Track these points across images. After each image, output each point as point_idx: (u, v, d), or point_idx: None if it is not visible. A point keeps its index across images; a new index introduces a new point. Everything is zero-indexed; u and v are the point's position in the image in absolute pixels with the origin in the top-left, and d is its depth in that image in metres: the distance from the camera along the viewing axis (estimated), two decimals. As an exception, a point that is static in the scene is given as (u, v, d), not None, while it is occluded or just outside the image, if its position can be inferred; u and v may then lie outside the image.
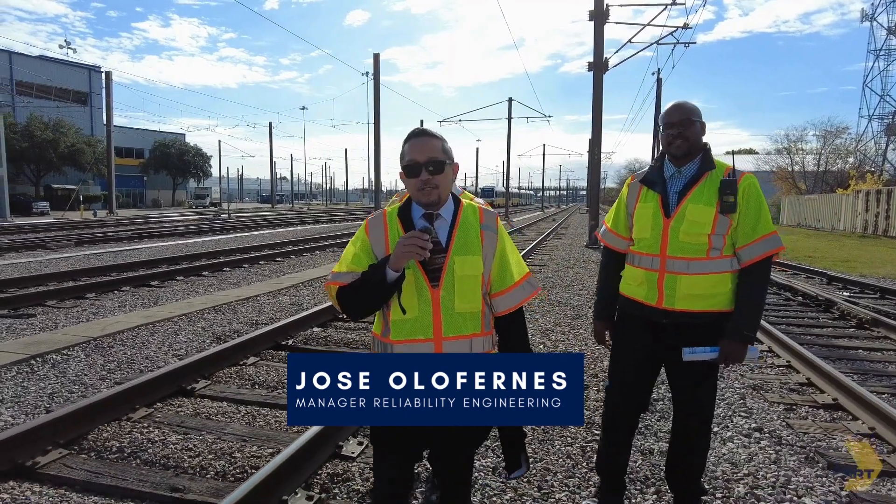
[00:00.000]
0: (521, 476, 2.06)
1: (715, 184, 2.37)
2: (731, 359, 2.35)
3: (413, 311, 1.77)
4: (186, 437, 3.54)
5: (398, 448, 1.84)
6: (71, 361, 5.11)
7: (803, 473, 3.26)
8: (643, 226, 2.49)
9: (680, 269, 2.39)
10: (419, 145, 1.80)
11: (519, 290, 1.90)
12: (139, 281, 9.66)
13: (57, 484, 3.01)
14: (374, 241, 1.85)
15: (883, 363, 5.69)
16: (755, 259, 2.35)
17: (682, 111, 2.42)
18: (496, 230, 1.89)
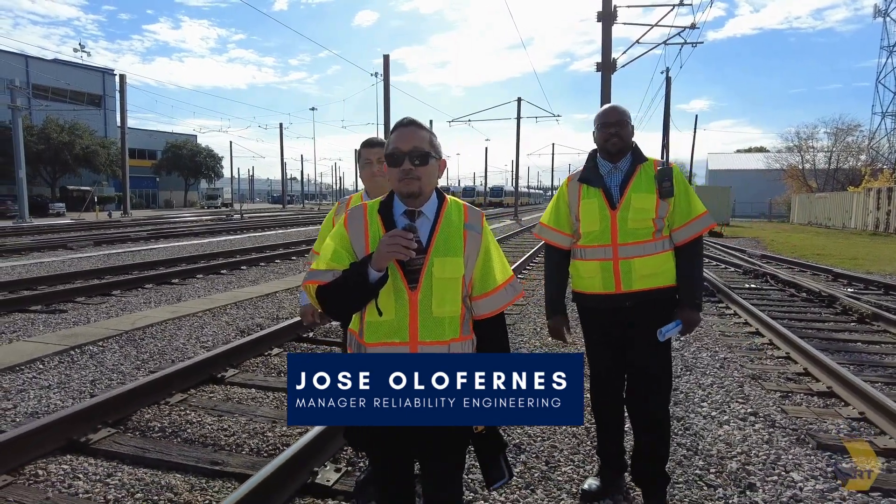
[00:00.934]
0: (504, 485, 1.94)
1: (649, 174, 2.65)
2: (691, 325, 2.65)
3: (389, 313, 1.71)
4: (221, 419, 3.86)
5: (382, 451, 1.84)
6: (107, 352, 5.45)
7: (793, 452, 3.51)
8: (591, 220, 2.68)
9: (633, 254, 2.63)
10: (405, 135, 1.75)
11: (501, 293, 1.83)
12: (161, 279, 10.02)
13: (108, 458, 3.32)
14: (353, 236, 1.77)
15: (880, 355, 5.90)
16: (692, 237, 2.65)
17: (618, 113, 2.70)
18: (481, 230, 1.82)
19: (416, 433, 1.74)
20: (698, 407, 4.24)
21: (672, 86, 29.15)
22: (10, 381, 4.60)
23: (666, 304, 2.68)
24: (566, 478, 3.12)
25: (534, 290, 9.32)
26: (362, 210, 1.82)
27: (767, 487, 3.07)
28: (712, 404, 4.31)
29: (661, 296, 2.66)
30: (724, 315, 7.67)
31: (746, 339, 6.36)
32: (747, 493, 3.02)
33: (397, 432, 1.74)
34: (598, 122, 2.72)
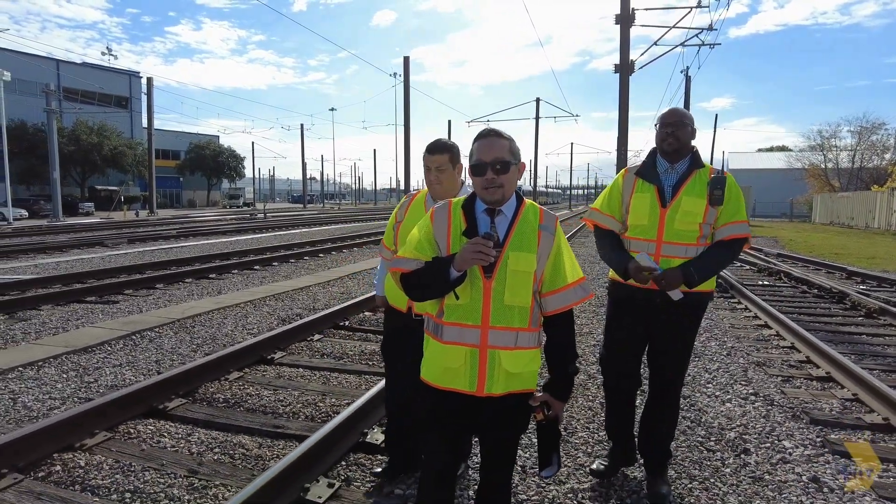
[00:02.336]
0: (552, 475, 2.05)
1: (703, 180, 2.73)
2: (666, 282, 2.64)
3: (465, 297, 1.86)
4: (276, 393, 4.37)
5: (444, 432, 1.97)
6: (164, 338, 6.01)
7: (787, 426, 3.91)
8: (640, 213, 2.77)
9: (675, 254, 2.71)
10: (487, 145, 1.88)
11: (571, 292, 1.93)
12: (199, 274, 10.63)
13: (184, 422, 3.85)
14: (437, 230, 1.94)
15: (882, 346, 6.23)
16: (727, 237, 2.73)
17: (677, 115, 2.79)
18: (554, 232, 1.93)
19: (480, 412, 1.92)
20: (704, 388, 4.65)
21: (692, 84, 29.27)
22: (87, 360, 5.18)
23: (697, 309, 2.81)
24: (582, 441, 3.58)
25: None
26: (447, 206, 1.98)
27: (760, 452, 3.49)
28: (717, 386, 4.71)
29: (695, 300, 2.76)
30: (736, 309, 8.02)
31: (755, 331, 6.72)
32: (742, 456, 3.44)
33: (469, 415, 1.92)
34: (658, 121, 2.83)
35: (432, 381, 1.94)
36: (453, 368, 1.88)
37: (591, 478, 3.10)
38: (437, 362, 1.92)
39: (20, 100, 45.22)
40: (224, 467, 3.21)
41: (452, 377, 1.89)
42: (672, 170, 2.80)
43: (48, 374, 4.80)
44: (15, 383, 4.54)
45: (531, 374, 1.93)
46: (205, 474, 3.12)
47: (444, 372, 1.90)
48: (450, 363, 1.89)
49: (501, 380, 1.87)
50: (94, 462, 3.23)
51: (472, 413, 1.93)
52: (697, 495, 2.97)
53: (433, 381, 1.94)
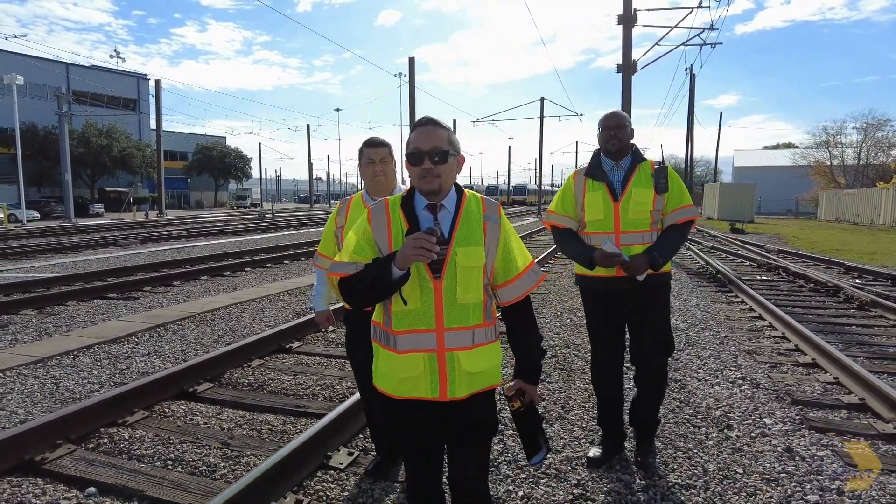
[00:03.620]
0: (542, 461, 1.98)
1: (647, 172, 3.02)
2: (634, 268, 2.86)
3: (415, 302, 1.77)
4: (296, 377, 4.72)
5: (408, 428, 1.89)
6: (186, 330, 6.38)
7: (770, 406, 4.22)
8: (595, 209, 3.03)
9: (633, 241, 2.98)
10: (425, 134, 1.80)
11: (524, 279, 1.89)
12: (214, 272, 11.02)
13: (213, 403, 4.20)
14: (376, 230, 1.83)
15: (870, 335, 6.51)
16: (678, 221, 3.02)
17: (617, 118, 3.06)
18: (499, 220, 1.87)
19: (446, 416, 1.85)
20: (695, 373, 4.96)
21: (697, 82, 29.46)
22: (118, 350, 5.54)
23: (662, 289, 3.09)
24: (577, 417, 3.90)
25: (555, 280, 10.06)
26: (384, 205, 1.86)
27: (742, 428, 3.80)
28: (707, 371, 5.02)
29: (658, 281, 3.02)
30: (732, 303, 8.31)
31: (748, 323, 7.01)
32: (725, 431, 3.75)
33: (428, 416, 1.84)
34: (601, 125, 3.10)
35: (391, 391, 1.84)
36: (413, 377, 1.80)
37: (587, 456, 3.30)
38: (393, 373, 1.82)
39: (30, 103, 45.86)
40: (253, 440, 3.56)
41: (412, 386, 1.81)
42: (617, 167, 3.07)
43: (83, 361, 5.17)
44: (55, 370, 4.91)
45: (494, 369, 1.87)
46: (236, 446, 3.47)
47: (402, 382, 1.81)
48: (408, 372, 1.80)
49: (464, 382, 1.80)
50: (137, 436, 3.59)
51: (439, 418, 1.85)
52: (681, 462, 3.28)
53: (392, 391, 1.84)
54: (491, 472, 3.04)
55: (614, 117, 3.07)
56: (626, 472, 3.15)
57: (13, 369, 4.88)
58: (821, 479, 3.09)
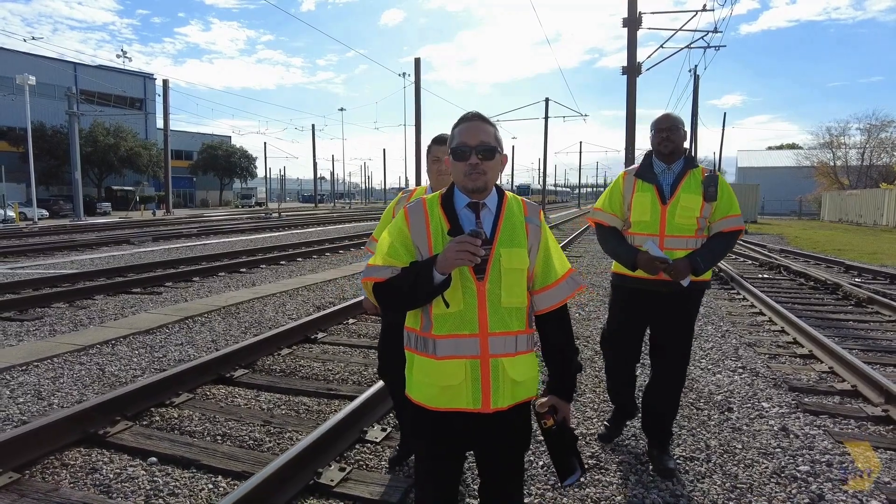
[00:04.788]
0: (576, 482, 1.85)
1: (697, 179, 3.00)
2: (676, 272, 2.87)
3: (457, 304, 1.67)
4: (324, 364, 5.04)
5: (441, 443, 1.77)
6: (213, 322, 6.71)
7: (767, 392, 4.52)
8: (643, 210, 3.02)
9: (677, 246, 2.97)
10: (472, 129, 1.73)
11: (564, 285, 1.80)
12: (231, 268, 11.35)
13: (250, 387, 4.52)
14: (414, 232, 1.74)
15: (866, 330, 6.81)
16: (725, 230, 3.02)
17: (671, 120, 3.03)
18: (540, 223, 1.81)
19: (484, 430, 1.74)
20: (698, 363, 5.26)
21: (702, 82, 29.70)
22: (152, 340, 5.88)
23: (697, 296, 3.10)
24: (589, 400, 4.22)
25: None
26: (422, 204, 1.78)
27: (742, 411, 4.11)
28: (710, 361, 5.33)
29: (696, 287, 3.01)
30: (734, 299, 8.61)
31: (749, 318, 7.31)
32: (726, 413, 4.06)
33: (465, 430, 1.73)
34: (653, 127, 3.06)
35: (428, 403, 1.73)
36: (453, 386, 1.68)
37: (599, 441, 3.51)
38: (433, 381, 1.71)
39: (39, 102, 46.28)
40: (292, 419, 3.88)
41: (452, 396, 1.69)
42: (668, 170, 3.04)
43: (122, 350, 5.50)
44: (97, 357, 5.24)
45: (533, 379, 1.79)
46: (277, 423, 3.79)
47: (443, 391, 1.70)
48: (449, 381, 1.68)
49: (508, 391, 1.71)
50: (185, 415, 3.91)
51: (476, 434, 1.75)
52: (685, 439, 3.59)
53: (429, 403, 1.73)
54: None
55: (667, 119, 3.03)
56: (636, 446, 3.46)
57: (60, 356, 5.21)
58: (812, 453, 3.40)
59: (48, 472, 3.11)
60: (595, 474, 3.12)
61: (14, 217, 30.72)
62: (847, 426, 3.87)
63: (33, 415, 3.90)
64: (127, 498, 2.86)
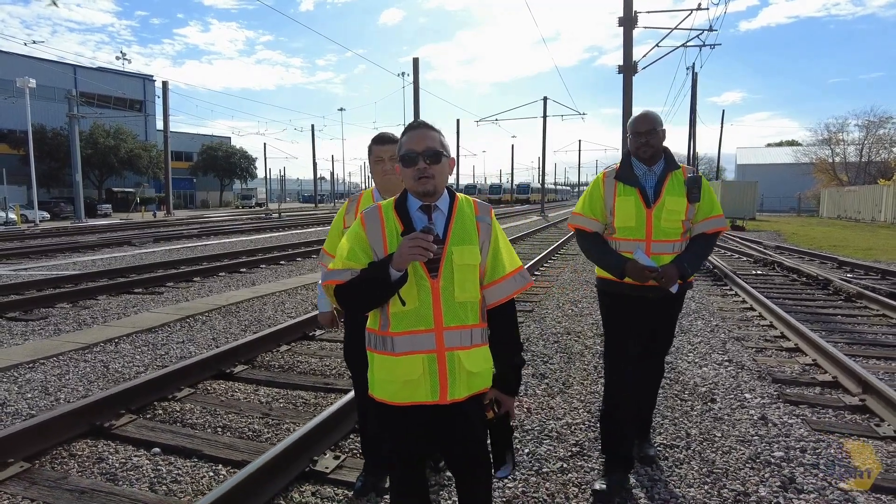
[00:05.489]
0: (507, 476, 2.00)
1: (680, 180, 2.90)
2: (666, 279, 2.78)
3: (413, 302, 1.77)
4: (322, 360, 5.19)
5: (406, 438, 1.89)
6: (213, 321, 6.86)
7: (751, 383, 4.66)
8: (627, 215, 2.88)
9: (663, 251, 2.87)
10: (418, 136, 1.83)
11: (511, 281, 1.90)
12: (231, 268, 11.50)
13: (249, 382, 4.67)
14: (370, 235, 1.83)
15: (853, 324, 6.95)
16: (707, 231, 2.96)
17: (648, 122, 2.86)
18: (490, 221, 1.91)
19: (444, 421, 1.86)
20: (685, 356, 5.41)
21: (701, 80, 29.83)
22: (154, 338, 6.03)
23: (681, 297, 3.03)
24: (576, 392, 4.37)
25: (557, 275, 10.52)
26: (377, 209, 1.87)
27: (724, 401, 4.25)
28: (697, 354, 5.47)
29: (683, 289, 2.94)
30: (726, 295, 8.75)
31: (740, 313, 7.45)
32: (709, 403, 4.20)
33: (425, 422, 1.85)
34: (631, 129, 2.92)
35: (389, 398, 1.83)
36: (413, 380, 1.79)
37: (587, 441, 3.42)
38: (393, 377, 1.81)
39: (39, 104, 46.44)
40: (290, 411, 4.03)
41: (412, 390, 1.80)
42: (650, 172, 2.92)
43: (125, 348, 5.65)
44: (101, 355, 5.40)
45: (488, 371, 1.89)
46: (276, 416, 3.94)
47: (403, 386, 1.80)
48: (408, 375, 1.79)
49: (464, 382, 1.81)
50: (187, 408, 4.06)
51: (436, 425, 1.87)
52: (667, 427, 3.74)
53: (390, 398, 1.83)
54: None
55: (645, 121, 2.88)
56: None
57: (65, 354, 5.37)
58: (788, 440, 3.55)
59: (57, 461, 3.26)
60: (577, 461, 3.27)
61: (16, 219, 30.89)
62: (825, 415, 4.02)
63: (41, 409, 4.06)
64: (132, 485, 3.01)
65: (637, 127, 2.89)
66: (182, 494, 2.92)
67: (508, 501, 2.84)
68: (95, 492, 2.90)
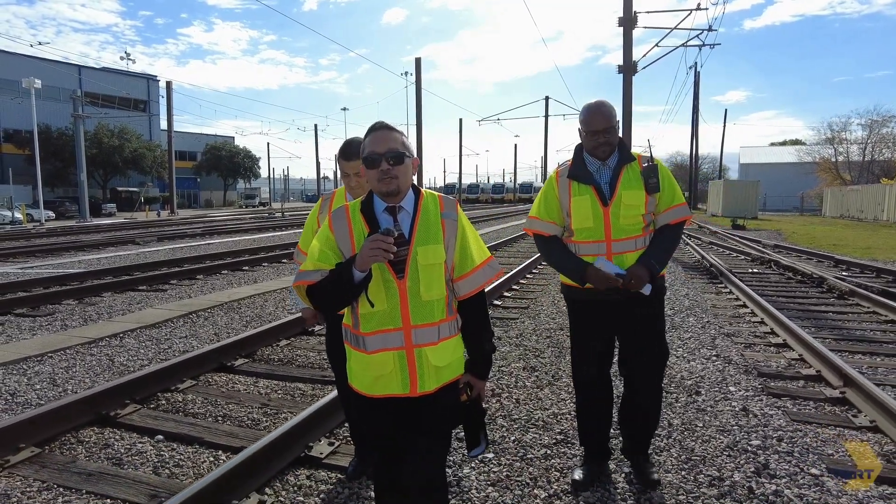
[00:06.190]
0: (481, 454, 2.10)
1: (636, 171, 2.72)
2: (635, 280, 2.64)
3: (381, 303, 1.83)
4: (320, 354, 5.35)
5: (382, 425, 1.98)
6: (216, 317, 7.02)
7: (737, 377, 4.80)
8: (583, 215, 2.71)
9: (626, 249, 2.71)
10: (380, 138, 1.86)
11: (480, 273, 1.95)
12: (234, 266, 11.68)
13: (249, 375, 4.83)
14: (338, 237, 1.88)
15: (843, 321, 7.06)
16: (671, 222, 2.79)
17: (605, 117, 2.68)
18: (456, 217, 1.94)
19: (417, 411, 1.93)
20: (674, 352, 5.54)
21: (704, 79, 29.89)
22: (157, 333, 6.20)
23: (657, 293, 2.77)
24: (564, 384, 4.52)
25: (553, 273, 10.65)
26: (345, 211, 1.92)
27: (709, 394, 4.39)
28: (686, 349, 5.61)
29: (656, 287, 2.74)
30: (721, 293, 8.87)
31: (732, 310, 7.58)
32: (693, 396, 4.34)
33: (400, 412, 1.93)
34: (585, 127, 2.72)
35: (366, 391, 1.94)
36: (385, 375, 1.88)
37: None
38: (366, 373, 1.91)
39: (44, 104, 46.78)
40: (288, 401, 4.19)
41: (385, 384, 1.89)
42: (604, 166, 2.76)
43: (130, 342, 5.82)
44: (107, 349, 5.57)
45: (458, 361, 1.97)
46: (274, 405, 4.10)
47: (375, 381, 1.90)
48: (380, 371, 1.88)
49: (432, 376, 1.89)
50: (189, 399, 4.22)
51: (410, 415, 1.94)
52: (650, 418, 3.88)
53: (366, 391, 1.93)
54: (488, 424, 3.63)
55: (600, 118, 2.70)
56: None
57: (72, 348, 5.54)
58: (766, 429, 3.68)
59: (65, 447, 3.42)
60: (561, 448, 3.41)
61: (21, 219, 31.18)
62: (805, 407, 4.15)
63: (49, 399, 4.22)
64: (137, 469, 3.17)
65: (593, 124, 2.69)
66: (184, 477, 3.08)
67: (493, 484, 2.99)
68: (102, 474, 3.06)
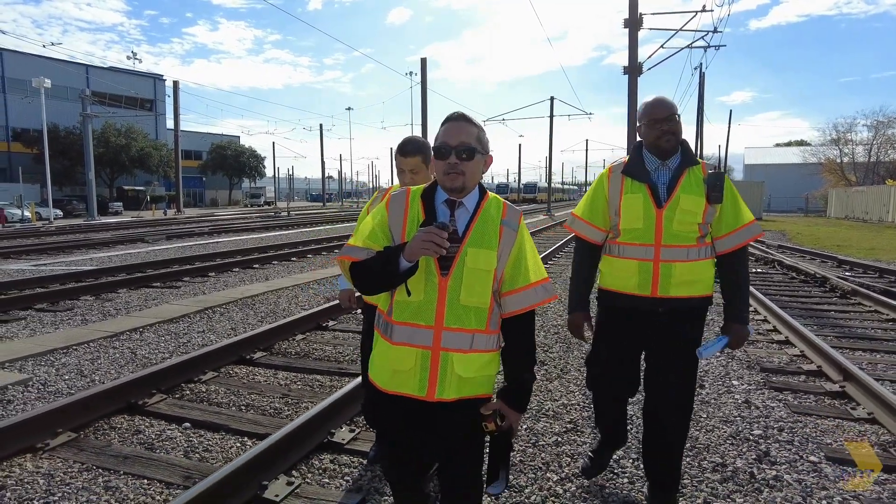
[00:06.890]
0: (497, 494, 1.92)
1: (698, 177, 2.50)
2: (741, 341, 2.56)
3: (418, 294, 1.73)
4: (336, 348, 5.52)
5: (391, 423, 1.87)
6: (231, 312, 7.20)
7: (739, 372, 4.95)
8: (634, 216, 2.51)
9: (676, 257, 2.47)
10: (454, 129, 1.76)
11: (531, 292, 1.81)
12: (244, 264, 11.87)
13: (268, 367, 5.00)
14: (392, 218, 1.81)
15: (845, 320, 7.20)
16: (739, 245, 2.52)
17: (668, 107, 2.49)
18: (517, 228, 1.82)
19: (431, 418, 1.79)
20: (679, 347, 5.68)
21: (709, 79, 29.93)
22: (176, 328, 6.38)
23: (699, 315, 2.59)
24: (573, 377, 4.68)
25: (561, 272, 10.81)
26: (405, 194, 1.84)
27: (712, 387, 4.54)
28: (690, 346, 5.75)
29: (697, 305, 2.55)
30: (724, 292, 8.99)
31: (736, 308, 7.70)
32: (697, 389, 4.49)
33: (412, 414, 1.81)
34: (648, 117, 2.52)
35: (380, 384, 1.83)
36: (403, 371, 1.77)
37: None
38: (386, 364, 1.81)
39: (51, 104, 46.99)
40: (307, 392, 4.36)
41: (402, 381, 1.78)
42: (663, 166, 2.54)
43: (149, 337, 6.01)
44: (128, 343, 5.75)
45: (487, 378, 1.83)
46: (294, 396, 4.27)
47: (393, 376, 1.79)
48: (399, 365, 1.77)
49: (453, 384, 1.75)
50: (211, 389, 4.40)
51: (424, 420, 1.81)
52: (656, 409, 4.03)
53: (381, 384, 1.83)
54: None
55: (664, 107, 2.51)
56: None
57: (95, 341, 5.73)
58: (767, 420, 3.84)
59: (100, 433, 3.60)
60: (571, 436, 3.57)
61: (31, 217, 31.49)
62: (806, 400, 4.30)
63: (79, 389, 4.41)
64: (168, 453, 3.34)
65: (655, 113, 2.50)
66: (213, 461, 3.26)
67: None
68: (137, 457, 3.24)
